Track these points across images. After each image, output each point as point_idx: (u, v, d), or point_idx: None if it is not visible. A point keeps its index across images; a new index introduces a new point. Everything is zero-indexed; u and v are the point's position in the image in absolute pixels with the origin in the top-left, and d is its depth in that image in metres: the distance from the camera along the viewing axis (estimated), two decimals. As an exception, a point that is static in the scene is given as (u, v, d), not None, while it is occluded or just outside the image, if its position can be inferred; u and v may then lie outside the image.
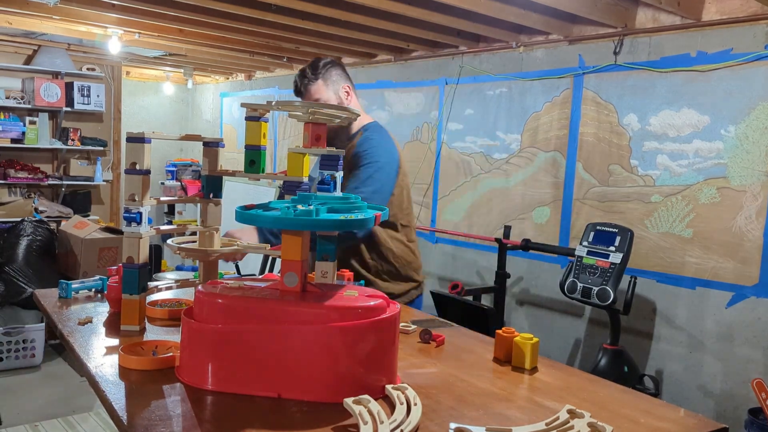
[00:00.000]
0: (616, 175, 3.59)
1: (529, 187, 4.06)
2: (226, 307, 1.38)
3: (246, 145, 1.82)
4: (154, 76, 7.65)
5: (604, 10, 3.37)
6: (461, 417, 1.30)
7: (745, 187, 3.09)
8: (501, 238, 3.84)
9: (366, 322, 1.35)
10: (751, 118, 3.06)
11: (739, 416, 3.02)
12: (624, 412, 1.37)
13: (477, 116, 4.40)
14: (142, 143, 1.67)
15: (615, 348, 3.18)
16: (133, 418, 1.22)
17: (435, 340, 1.81)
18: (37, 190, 6.21)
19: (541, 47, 4.02)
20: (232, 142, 7.25)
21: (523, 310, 4.15)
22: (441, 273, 4.66)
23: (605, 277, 3.09)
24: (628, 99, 3.54)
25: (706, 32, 3.23)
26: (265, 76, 6.65)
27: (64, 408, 3.88)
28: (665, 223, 3.39)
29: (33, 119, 5.97)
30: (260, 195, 6.35)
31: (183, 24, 4.25)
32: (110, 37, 4.77)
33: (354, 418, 1.22)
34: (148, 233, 1.75)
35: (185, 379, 1.40)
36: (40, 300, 2.04)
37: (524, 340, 1.63)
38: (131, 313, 1.72)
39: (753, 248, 3.06)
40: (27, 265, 4.79)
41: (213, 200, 1.92)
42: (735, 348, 3.13)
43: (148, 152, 1.69)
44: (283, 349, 1.33)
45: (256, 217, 1.40)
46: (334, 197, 1.56)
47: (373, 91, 5.26)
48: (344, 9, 3.60)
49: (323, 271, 1.63)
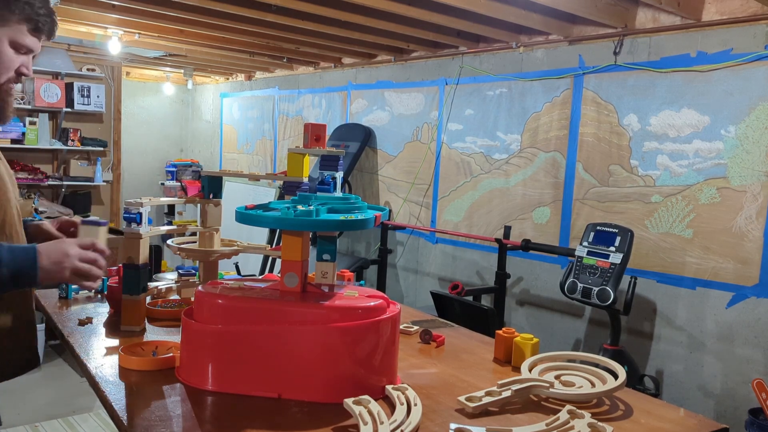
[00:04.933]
0: (617, 175, 3.59)
1: (529, 187, 4.06)
2: (226, 307, 1.38)
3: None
4: (154, 76, 7.65)
5: (604, 10, 3.37)
6: (461, 417, 1.30)
7: (745, 187, 3.09)
8: (501, 239, 3.84)
9: (366, 323, 1.35)
10: (752, 118, 3.06)
11: (740, 416, 3.02)
12: (624, 412, 1.37)
13: (477, 116, 4.40)
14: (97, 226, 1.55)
15: (615, 348, 3.17)
16: (134, 419, 1.22)
17: (435, 340, 1.81)
18: (37, 190, 6.20)
19: (541, 47, 4.02)
20: (232, 143, 7.25)
21: (523, 311, 4.15)
22: (441, 273, 4.66)
23: (605, 277, 3.08)
24: (628, 99, 3.54)
25: (706, 32, 3.23)
26: (265, 76, 6.65)
27: (65, 408, 3.88)
28: (665, 224, 3.39)
29: (33, 120, 5.98)
30: (260, 195, 6.36)
31: (183, 24, 4.25)
32: (110, 38, 4.76)
33: (354, 419, 1.22)
34: (149, 234, 1.75)
35: (185, 380, 1.40)
36: (40, 300, 2.04)
37: (524, 341, 1.63)
38: (131, 314, 1.72)
39: (753, 248, 3.06)
40: (27, 266, 4.79)
41: (213, 201, 1.92)
42: (735, 348, 3.13)
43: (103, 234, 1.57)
44: (283, 350, 1.33)
45: (256, 217, 1.40)
46: (334, 197, 1.56)
47: (373, 91, 5.26)
48: (344, 9, 3.60)
49: (323, 271, 1.63)
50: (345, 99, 5.56)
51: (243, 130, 7.05)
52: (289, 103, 6.28)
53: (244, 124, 7.02)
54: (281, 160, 6.45)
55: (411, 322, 1.97)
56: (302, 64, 5.89)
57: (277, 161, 6.50)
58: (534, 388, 1.39)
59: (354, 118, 5.45)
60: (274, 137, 6.51)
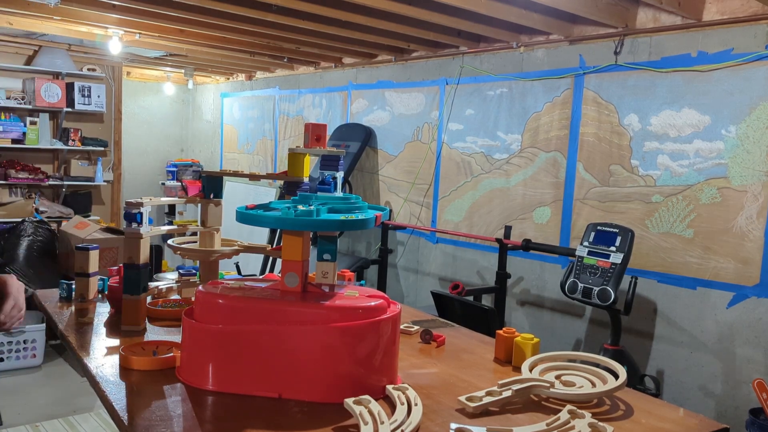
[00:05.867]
0: (617, 175, 3.59)
1: (530, 187, 4.06)
2: (226, 307, 1.38)
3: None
4: (154, 76, 7.65)
5: (605, 10, 3.37)
6: (462, 417, 1.30)
7: (745, 187, 3.09)
8: (501, 239, 3.84)
9: (366, 323, 1.35)
10: (752, 118, 3.06)
11: (740, 416, 3.02)
12: (625, 412, 1.37)
13: (477, 116, 4.40)
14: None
15: (616, 348, 3.17)
16: (134, 419, 1.22)
17: (436, 340, 1.81)
18: (38, 190, 6.21)
19: (542, 47, 4.01)
20: (232, 143, 7.25)
21: (523, 311, 4.15)
22: (441, 273, 4.66)
23: (606, 277, 3.08)
24: (628, 99, 3.54)
25: (707, 32, 3.23)
26: (265, 76, 6.66)
27: (65, 408, 3.88)
28: (666, 224, 3.39)
29: (34, 120, 5.98)
30: (261, 195, 6.36)
31: (183, 24, 4.25)
32: (111, 38, 4.77)
33: (354, 419, 1.22)
34: (149, 233, 1.75)
35: (186, 380, 1.40)
36: (40, 300, 2.04)
37: (525, 341, 1.63)
38: (132, 314, 1.72)
39: (754, 248, 3.06)
40: (28, 266, 4.80)
41: (213, 201, 1.92)
42: (736, 348, 3.13)
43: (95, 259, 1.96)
44: (283, 350, 1.33)
45: (256, 217, 1.40)
46: (335, 197, 1.56)
47: (374, 91, 5.26)
48: (345, 9, 3.60)
49: (324, 271, 1.63)
50: (345, 99, 5.56)
51: (243, 130, 7.05)
52: (289, 103, 6.28)
53: (245, 124, 7.02)
54: (282, 160, 6.45)
55: (411, 321, 1.97)
56: (303, 63, 5.89)
57: (278, 161, 6.50)
58: (534, 388, 1.39)
59: (354, 118, 5.45)
60: (274, 137, 6.51)
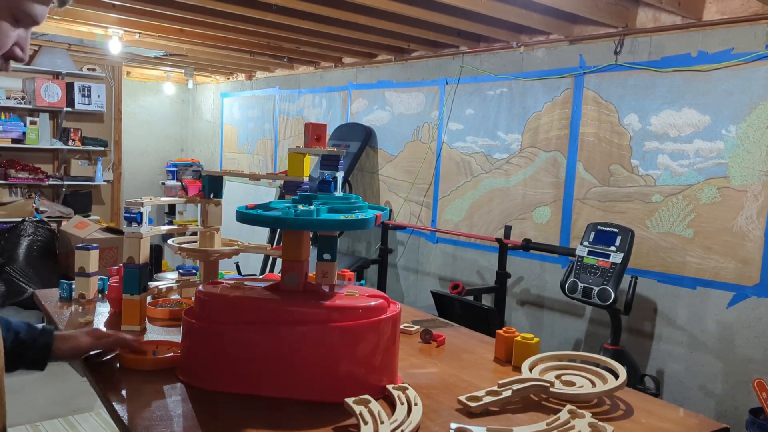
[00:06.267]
0: (617, 175, 3.59)
1: (530, 187, 4.06)
2: (226, 307, 1.38)
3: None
4: (154, 76, 7.65)
5: (605, 9, 3.36)
6: (462, 417, 1.30)
7: (745, 186, 3.09)
8: (501, 238, 3.84)
9: (366, 322, 1.35)
10: (752, 118, 3.06)
11: (740, 416, 3.02)
12: (625, 412, 1.37)
13: (477, 116, 4.40)
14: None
15: (616, 348, 3.17)
16: (134, 418, 1.22)
17: (436, 340, 1.81)
18: (38, 190, 6.21)
19: (542, 47, 4.01)
20: (232, 142, 7.25)
21: (523, 310, 4.15)
22: (441, 273, 4.66)
23: (606, 277, 3.08)
24: (628, 99, 3.54)
25: (707, 32, 3.22)
26: (265, 76, 6.65)
27: (65, 408, 3.88)
28: (666, 223, 3.39)
29: (34, 119, 5.98)
30: (261, 195, 6.36)
31: (183, 24, 4.25)
32: (111, 38, 4.77)
33: (355, 418, 1.22)
34: (149, 233, 1.75)
35: (186, 379, 1.40)
36: (40, 300, 2.04)
37: (525, 340, 1.63)
38: (132, 313, 1.72)
39: (754, 248, 3.06)
40: (28, 266, 4.80)
41: (213, 200, 1.92)
42: (736, 348, 3.13)
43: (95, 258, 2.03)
44: (284, 349, 1.33)
45: (257, 217, 1.40)
46: (335, 197, 1.56)
47: (374, 91, 5.26)
48: (345, 9, 3.60)
49: (324, 270, 1.63)
50: (345, 99, 5.56)
51: (243, 130, 7.05)
52: (289, 103, 6.28)
53: (245, 124, 7.02)
54: (282, 160, 6.45)
55: (411, 321, 1.97)
56: (303, 63, 5.88)
57: (278, 161, 6.50)
58: (534, 388, 1.39)
59: (354, 117, 5.45)
60: (274, 137, 6.51)
